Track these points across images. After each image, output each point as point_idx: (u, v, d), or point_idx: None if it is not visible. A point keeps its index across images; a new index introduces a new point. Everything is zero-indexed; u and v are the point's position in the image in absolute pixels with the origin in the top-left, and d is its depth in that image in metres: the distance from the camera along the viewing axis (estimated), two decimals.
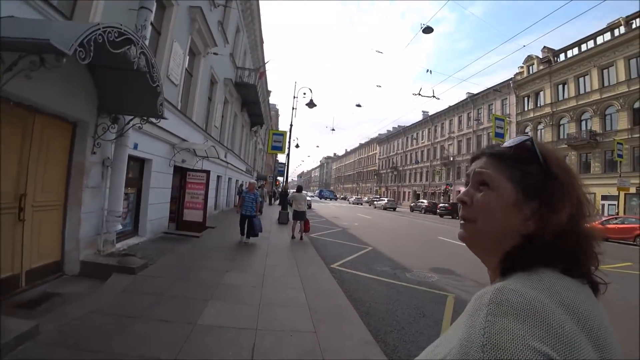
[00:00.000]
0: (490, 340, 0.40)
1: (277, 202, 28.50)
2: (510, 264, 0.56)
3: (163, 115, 5.27)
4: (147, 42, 5.18)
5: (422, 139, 52.98)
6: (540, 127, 30.72)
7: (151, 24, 5.93)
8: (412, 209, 38.24)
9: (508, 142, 0.62)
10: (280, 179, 36.51)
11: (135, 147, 6.45)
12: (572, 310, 0.46)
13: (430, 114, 50.88)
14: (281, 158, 39.95)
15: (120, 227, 5.80)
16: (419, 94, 22.41)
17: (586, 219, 0.57)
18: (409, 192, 55.18)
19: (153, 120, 5.78)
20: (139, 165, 7.35)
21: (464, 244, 0.65)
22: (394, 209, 39.04)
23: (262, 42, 21.78)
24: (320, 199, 63.32)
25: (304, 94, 16.73)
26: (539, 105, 31.01)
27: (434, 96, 22.84)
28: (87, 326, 3.17)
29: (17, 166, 3.92)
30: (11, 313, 3.09)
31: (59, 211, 4.74)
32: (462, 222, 0.64)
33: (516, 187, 0.57)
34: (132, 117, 5.48)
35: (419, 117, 55.46)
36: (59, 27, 2.99)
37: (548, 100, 29.75)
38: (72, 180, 4.87)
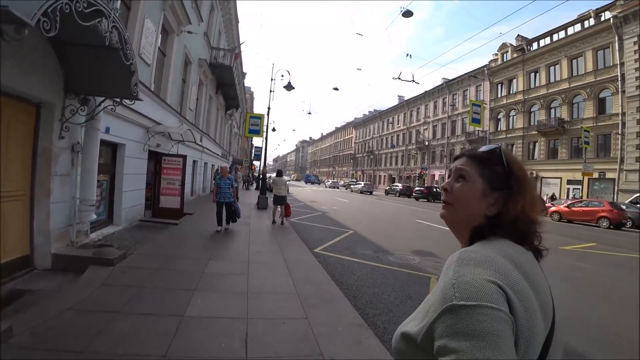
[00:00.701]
0: (458, 280, 0.61)
1: (254, 186, 28.08)
2: (476, 237, 0.76)
3: (138, 97, 4.93)
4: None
5: (398, 124, 53.55)
6: (512, 113, 31.76)
7: None
8: (387, 193, 38.87)
9: (483, 148, 0.83)
10: (256, 163, 35.96)
11: (107, 130, 6.04)
12: (513, 260, 0.67)
13: (406, 98, 51.33)
14: (257, 142, 39.27)
15: (94, 216, 5.47)
16: (399, 78, 22.54)
17: (534, 209, 0.76)
18: (384, 175, 56.07)
19: (126, 102, 5.40)
20: (111, 151, 6.92)
21: (444, 223, 0.86)
22: (371, 193, 39.52)
23: (237, 21, 20.92)
24: (306, 183, 64.51)
25: (282, 76, 16.34)
26: (511, 92, 31.93)
27: (413, 80, 23.05)
28: (65, 325, 2.96)
29: None
30: None
31: (25, 202, 4.36)
32: (443, 204, 0.85)
33: (485, 181, 0.78)
34: (104, 98, 5.09)
35: (395, 101, 55.86)
36: None
37: (520, 88, 30.69)
38: (38, 168, 4.47)
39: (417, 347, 0.65)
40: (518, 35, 32.12)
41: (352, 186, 44.83)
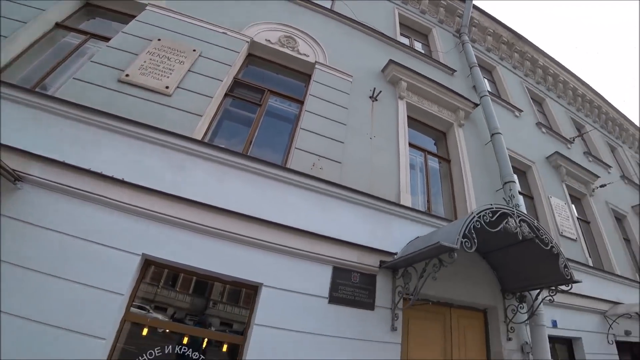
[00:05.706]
0: None
1: None
2: None
3: (573, 279, 4.34)
4: (523, 210, 5.07)
5: None
6: None
7: (520, 192, 5.94)
8: None
9: None
10: None
11: (554, 324, 5.47)
12: None
13: None
14: None
15: None
16: None
17: None
18: None
19: (563, 287, 4.88)
20: (566, 348, 5.99)
21: None
22: None
23: None
24: None
25: None
26: None
27: None
28: None
29: (441, 355, 4.37)
30: None
31: None
32: None
33: None
34: (539, 290, 4.89)
35: None
36: (444, 230, 3.51)
37: None
38: None
39: None
40: None
41: None
